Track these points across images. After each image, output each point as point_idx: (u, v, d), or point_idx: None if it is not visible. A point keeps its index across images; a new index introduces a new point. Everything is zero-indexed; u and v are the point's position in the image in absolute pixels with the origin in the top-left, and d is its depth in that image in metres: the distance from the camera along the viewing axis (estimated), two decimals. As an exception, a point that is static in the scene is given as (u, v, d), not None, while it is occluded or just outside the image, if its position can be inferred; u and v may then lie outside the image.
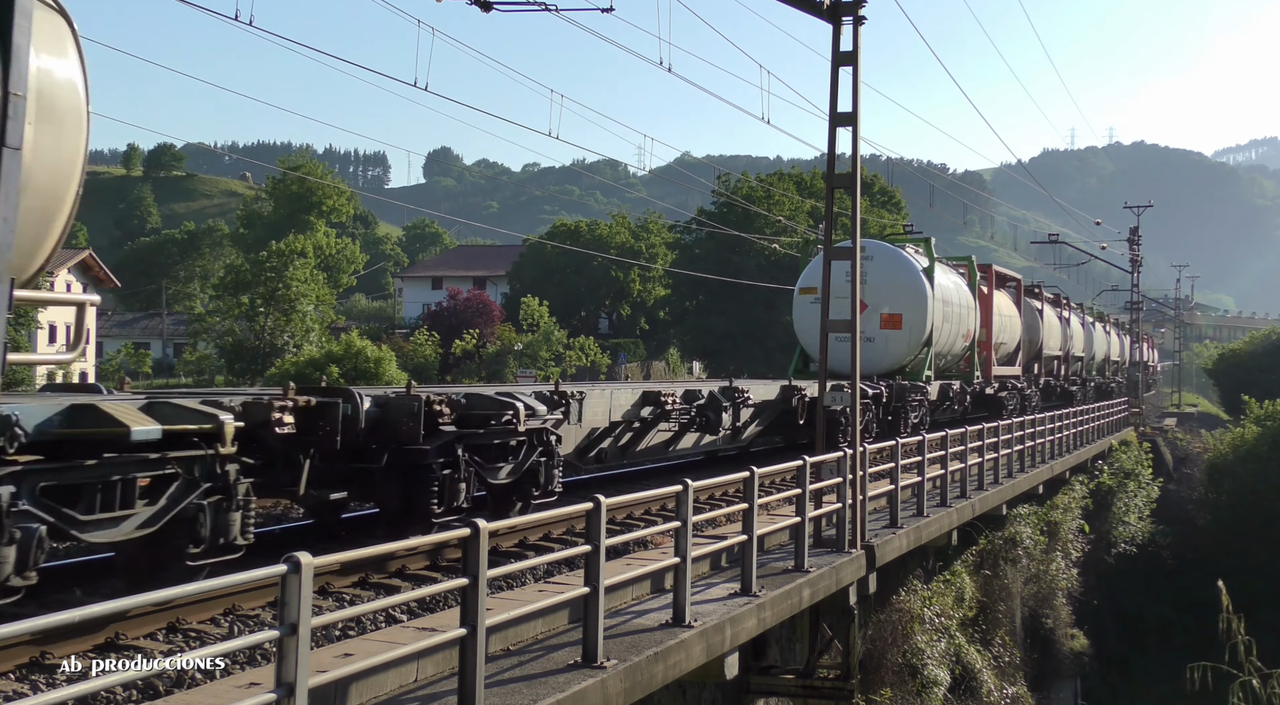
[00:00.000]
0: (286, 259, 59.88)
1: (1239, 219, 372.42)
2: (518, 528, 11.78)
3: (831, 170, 15.82)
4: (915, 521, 17.55)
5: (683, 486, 9.79)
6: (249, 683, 6.79)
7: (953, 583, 22.96)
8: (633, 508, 14.18)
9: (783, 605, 11.58)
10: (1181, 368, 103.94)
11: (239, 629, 8.19)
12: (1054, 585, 32.75)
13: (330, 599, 9.11)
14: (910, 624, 19.64)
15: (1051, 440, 31.35)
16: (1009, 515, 25.86)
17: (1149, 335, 67.57)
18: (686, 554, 9.60)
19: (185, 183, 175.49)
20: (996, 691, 24.26)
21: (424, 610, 9.09)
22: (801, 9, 14.85)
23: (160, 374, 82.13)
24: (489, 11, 14.05)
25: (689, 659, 9.28)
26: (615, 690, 8.03)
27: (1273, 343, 79.45)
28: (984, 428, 24.12)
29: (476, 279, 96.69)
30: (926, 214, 70.76)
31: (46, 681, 6.76)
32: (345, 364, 45.68)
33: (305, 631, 5.39)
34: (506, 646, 8.48)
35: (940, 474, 19.82)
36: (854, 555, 14.11)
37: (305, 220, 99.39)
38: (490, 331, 69.08)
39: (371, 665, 6.45)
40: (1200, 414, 79.85)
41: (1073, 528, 34.64)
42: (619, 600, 10.14)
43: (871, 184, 74.86)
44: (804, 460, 12.97)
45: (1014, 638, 27.80)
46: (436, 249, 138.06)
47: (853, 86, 14.99)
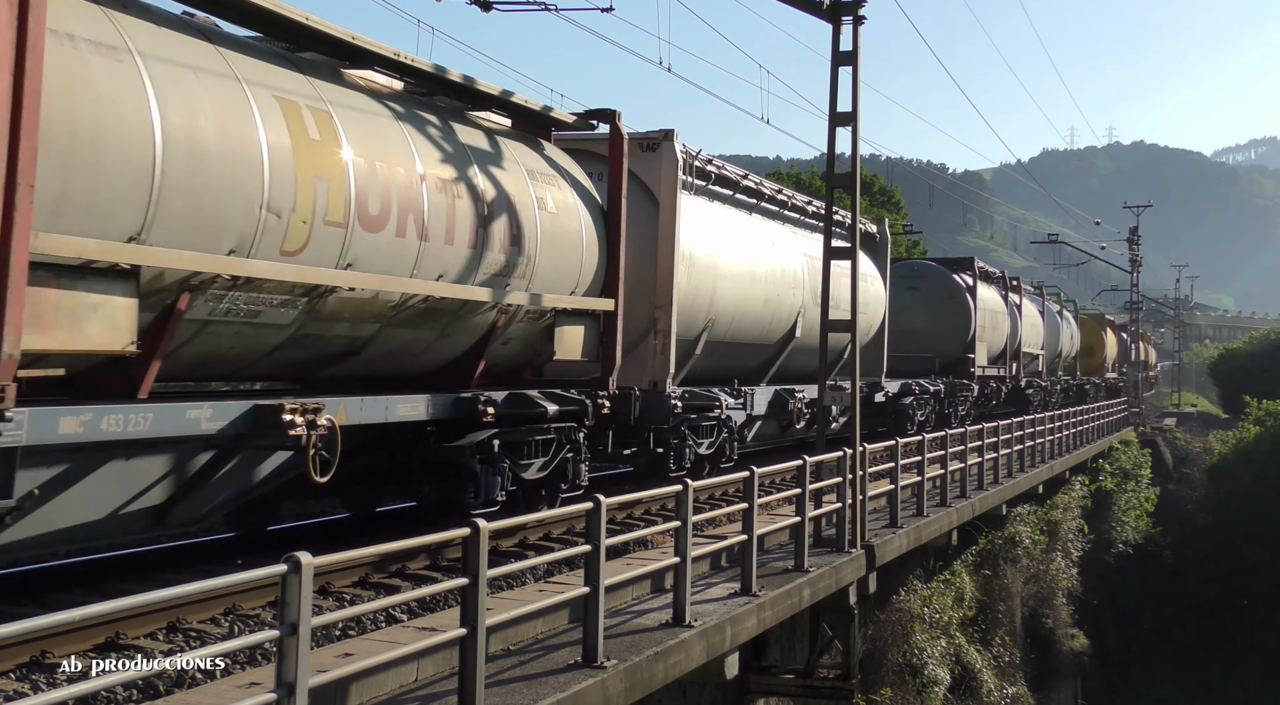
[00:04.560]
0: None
1: (1239, 219, 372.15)
2: (518, 527, 11.79)
3: (831, 170, 15.84)
4: (915, 521, 17.55)
5: (683, 486, 9.79)
6: (249, 682, 6.79)
7: (953, 582, 22.96)
8: (633, 507, 14.18)
9: (783, 605, 11.58)
10: (1181, 368, 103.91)
11: (239, 629, 8.18)
12: (1054, 585, 32.77)
13: (330, 599, 9.11)
14: (910, 624, 19.65)
15: (1051, 440, 31.36)
16: (1009, 515, 25.87)
17: (1147, 334, 67.15)
18: (686, 554, 9.60)
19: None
20: (996, 691, 24.27)
21: (424, 610, 9.08)
22: (801, 9, 14.86)
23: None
24: (489, 11, 14.03)
25: (689, 659, 9.28)
26: (615, 690, 8.03)
27: (1273, 342, 79.36)
28: (984, 427, 24.13)
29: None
30: (926, 214, 70.76)
31: (46, 681, 6.76)
32: None
33: (305, 631, 5.40)
34: (507, 646, 8.48)
35: (940, 474, 19.82)
36: (854, 555, 14.11)
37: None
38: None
39: (372, 665, 6.46)
40: (1200, 414, 79.80)
41: (1072, 528, 34.65)
42: (619, 600, 10.14)
43: (871, 184, 74.60)
44: (804, 460, 12.97)
45: (1014, 638, 27.81)
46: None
47: (853, 86, 15.00)
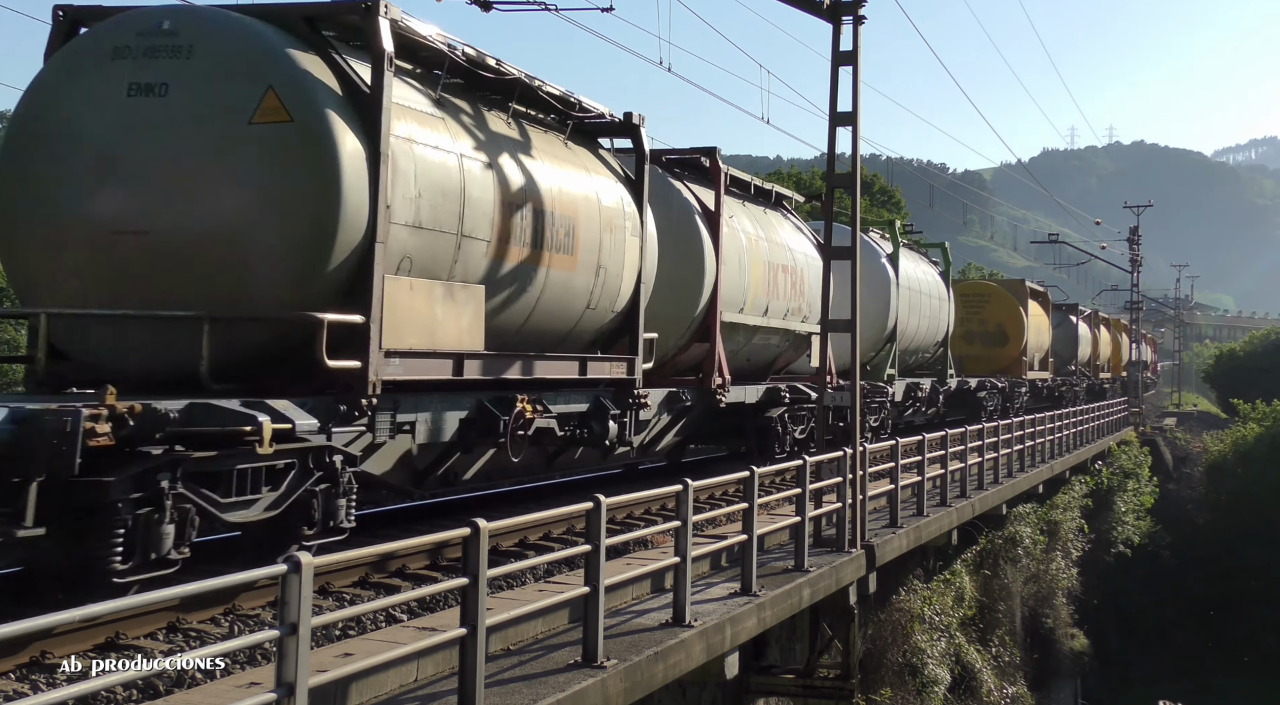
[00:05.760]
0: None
1: (1239, 219, 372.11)
2: (518, 527, 11.78)
3: (831, 170, 15.83)
4: (915, 521, 17.54)
5: (683, 486, 9.79)
6: (249, 682, 6.78)
7: (953, 582, 22.96)
8: (633, 507, 14.17)
9: (783, 605, 11.58)
10: (1181, 367, 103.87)
11: (239, 629, 8.17)
12: (1054, 585, 32.76)
13: (330, 598, 9.10)
14: (910, 623, 19.64)
15: (1051, 440, 31.35)
16: (1009, 515, 25.86)
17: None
18: (686, 554, 9.59)
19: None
20: (996, 691, 24.27)
21: (424, 610, 9.07)
22: (801, 9, 14.86)
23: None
24: (489, 11, 14.01)
25: (689, 659, 9.28)
26: (615, 690, 8.02)
27: (1272, 343, 79.24)
28: (984, 427, 24.12)
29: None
30: (926, 214, 70.81)
31: (46, 681, 6.75)
32: None
33: (305, 631, 5.40)
34: (506, 646, 8.47)
35: (940, 473, 19.81)
36: (854, 555, 14.11)
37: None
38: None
39: (371, 665, 6.46)
40: (1200, 413, 79.75)
41: (1073, 527, 34.64)
42: (619, 600, 10.14)
43: (871, 183, 74.59)
44: (804, 460, 12.96)
45: (1014, 638, 27.80)
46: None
47: (853, 86, 15.00)
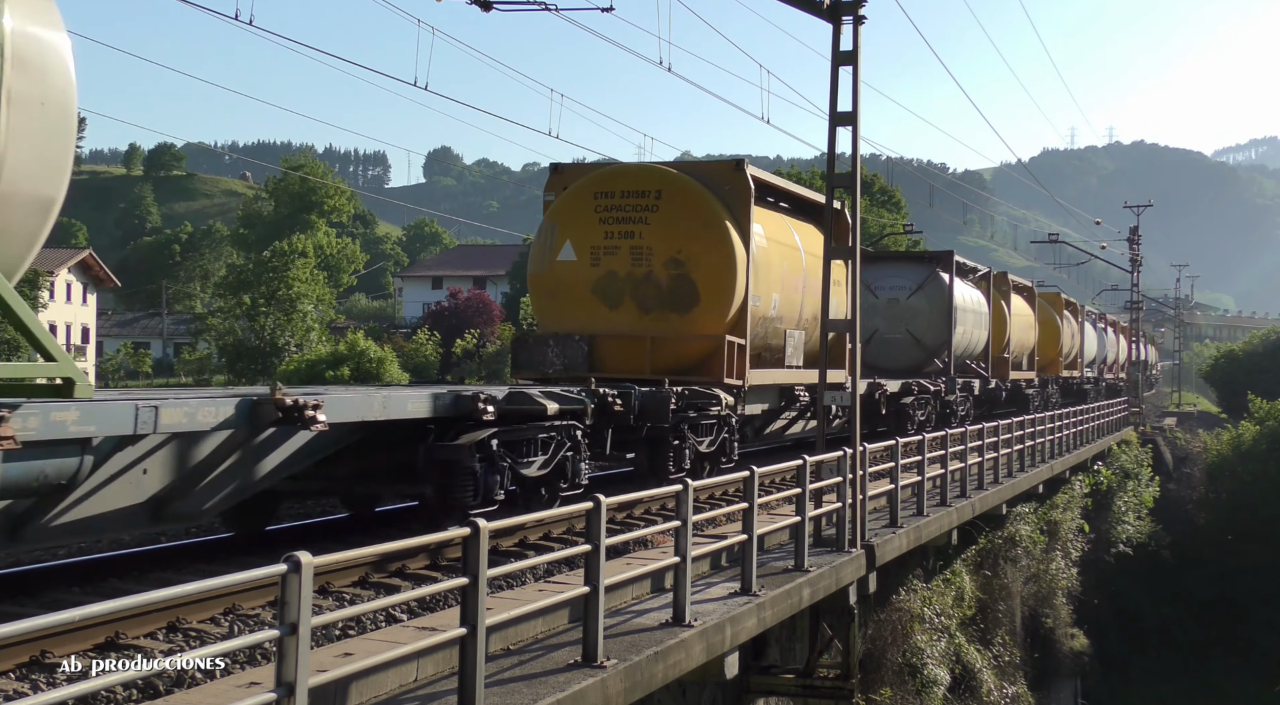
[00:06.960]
0: (288, 259, 59.88)
1: (1239, 219, 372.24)
2: (518, 527, 11.79)
3: (831, 170, 15.82)
4: (915, 521, 17.53)
5: (683, 486, 9.79)
6: (249, 682, 6.79)
7: (953, 582, 22.96)
8: (633, 507, 14.17)
9: (783, 605, 11.57)
10: (1181, 367, 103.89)
11: (239, 628, 8.18)
12: (1054, 585, 32.76)
13: (330, 598, 9.11)
14: (910, 623, 19.64)
15: (1051, 440, 31.35)
16: (1009, 514, 25.85)
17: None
18: (686, 553, 9.59)
19: (186, 182, 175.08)
20: (996, 691, 24.27)
21: (424, 610, 9.08)
22: (801, 9, 14.85)
23: (160, 374, 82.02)
24: (489, 11, 14.06)
25: (689, 658, 9.28)
26: (615, 690, 8.03)
27: (1272, 342, 79.25)
28: (984, 427, 24.11)
29: (476, 279, 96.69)
30: (926, 213, 70.85)
31: (46, 681, 6.76)
32: (349, 364, 45.77)
33: (305, 631, 5.40)
34: (506, 646, 8.48)
35: (940, 473, 19.81)
36: (854, 555, 14.11)
37: (306, 220, 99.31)
38: (490, 331, 69.06)
39: (371, 665, 6.45)
40: (1200, 413, 79.80)
41: (1072, 527, 34.64)
42: (619, 600, 10.14)
43: (871, 183, 74.66)
44: (804, 459, 12.96)
45: (1014, 637, 27.81)
46: (436, 249, 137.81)
47: (853, 86, 14.99)
